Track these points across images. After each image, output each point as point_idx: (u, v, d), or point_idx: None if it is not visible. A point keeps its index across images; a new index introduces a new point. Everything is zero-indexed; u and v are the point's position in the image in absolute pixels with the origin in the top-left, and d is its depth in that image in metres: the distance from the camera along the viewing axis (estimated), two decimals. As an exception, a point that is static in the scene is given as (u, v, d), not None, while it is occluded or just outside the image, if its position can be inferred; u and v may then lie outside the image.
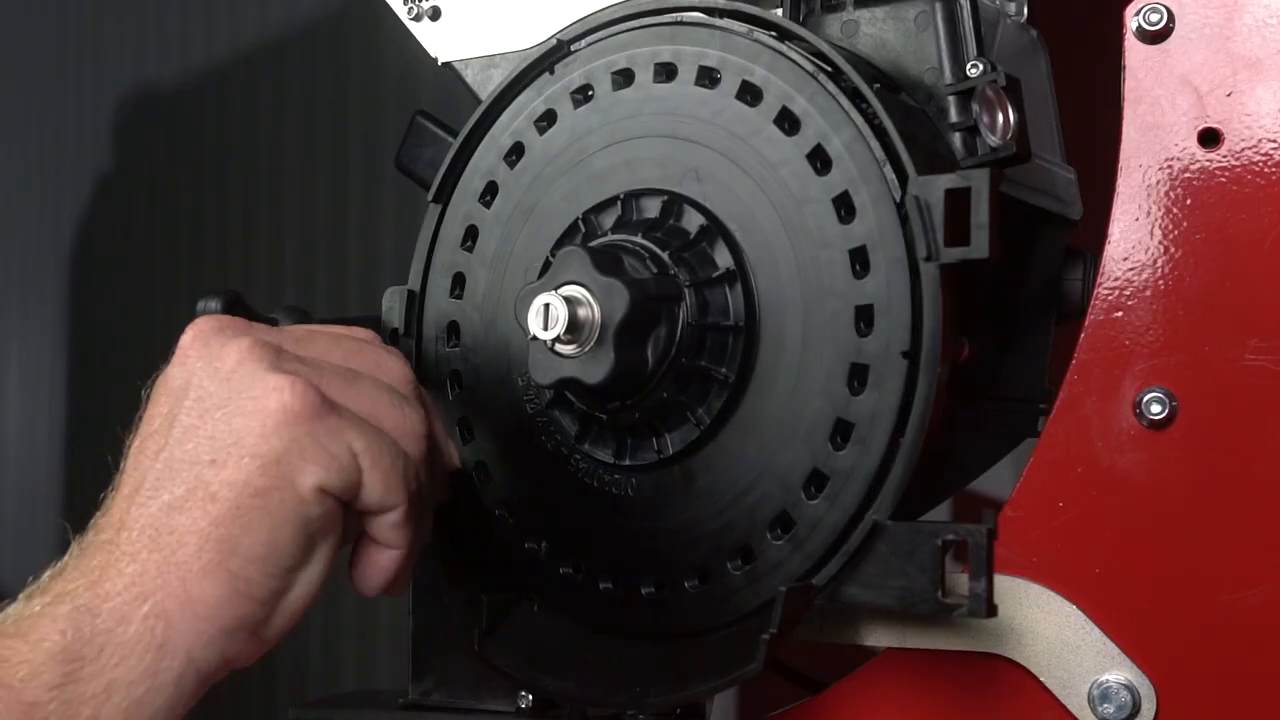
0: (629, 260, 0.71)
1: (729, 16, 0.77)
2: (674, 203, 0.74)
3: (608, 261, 0.70)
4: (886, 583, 0.68)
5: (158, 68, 3.09)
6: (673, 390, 0.71)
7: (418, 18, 0.92)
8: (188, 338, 0.68)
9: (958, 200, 0.67)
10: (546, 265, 0.78)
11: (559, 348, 0.70)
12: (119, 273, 3.18)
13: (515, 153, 0.81)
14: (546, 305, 0.69)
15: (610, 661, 0.76)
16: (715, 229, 0.73)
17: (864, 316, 0.69)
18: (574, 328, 0.69)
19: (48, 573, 0.64)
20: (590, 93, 0.79)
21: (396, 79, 2.45)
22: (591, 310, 0.70)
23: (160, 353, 0.69)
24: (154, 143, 3.10)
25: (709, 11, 0.78)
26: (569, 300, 0.69)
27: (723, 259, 0.72)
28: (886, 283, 0.68)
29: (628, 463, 0.75)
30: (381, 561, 0.69)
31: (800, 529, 0.70)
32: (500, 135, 0.82)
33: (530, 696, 0.79)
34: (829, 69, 0.73)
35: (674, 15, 0.78)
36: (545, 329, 0.70)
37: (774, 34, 0.75)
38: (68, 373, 3.40)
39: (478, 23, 0.90)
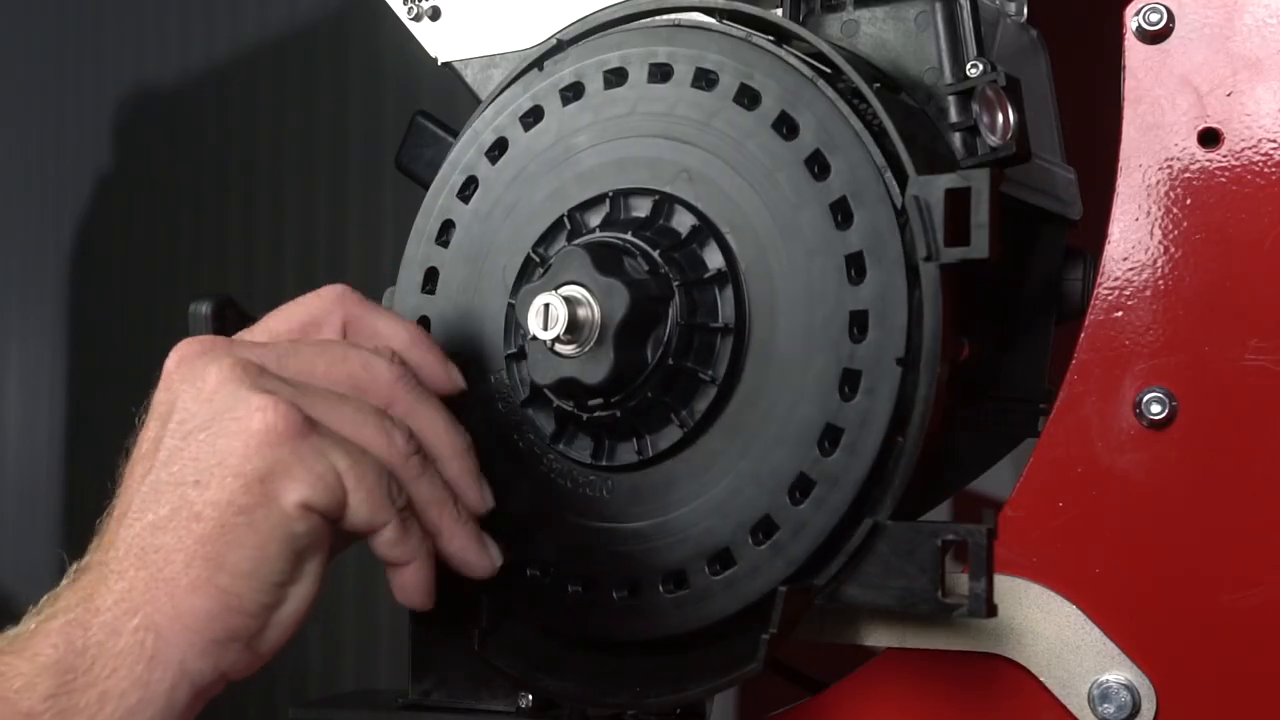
0: (626, 259, 0.71)
1: (728, 16, 0.77)
2: (665, 202, 0.74)
3: (608, 261, 0.70)
4: (886, 583, 0.68)
5: (158, 68, 3.09)
6: (657, 390, 0.71)
7: (418, 18, 0.92)
8: (172, 361, 0.68)
9: (958, 200, 0.67)
10: (528, 262, 0.77)
11: (559, 348, 0.70)
12: (119, 273, 3.18)
13: (498, 148, 0.80)
14: (546, 305, 0.69)
15: (610, 661, 0.76)
16: (707, 230, 0.72)
17: (858, 322, 0.68)
18: (574, 328, 0.69)
19: (45, 598, 0.66)
20: (581, 90, 0.78)
21: (396, 79, 2.45)
22: (591, 310, 0.70)
23: (161, 353, 0.69)
24: (154, 143, 3.10)
25: (709, 11, 0.78)
26: (569, 300, 0.69)
27: (713, 260, 0.72)
28: (882, 289, 0.68)
29: (605, 463, 0.74)
30: (405, 578, 0.69)
31: (783, 534, 0.69)
32: (483, 130, 0.81)
33: (530, 696, 0.79)
34: (829, 70, 0.73)
35: (673, 16, 0.78)
36: (545, 329, 0.70)
37: (772, 38, 0.75)
38: (68, 373, 3.41)
39: (478, 23, 0.90)
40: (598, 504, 0.75)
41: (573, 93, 0.79)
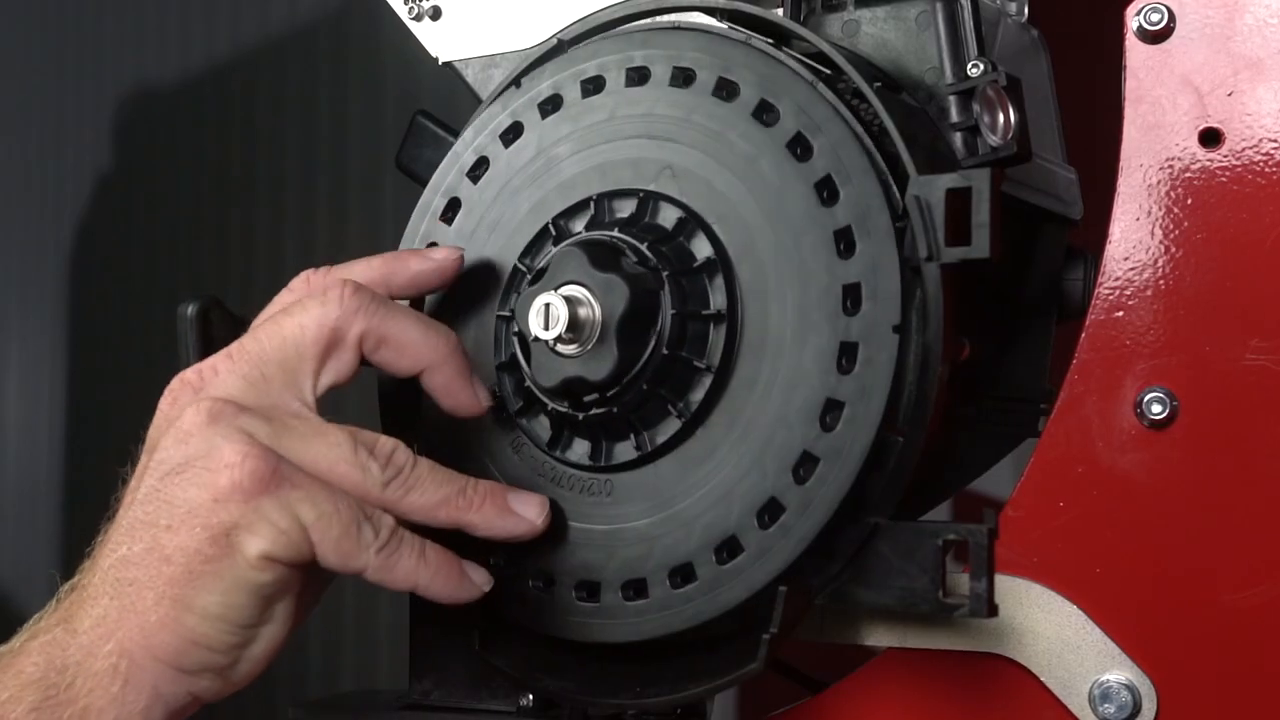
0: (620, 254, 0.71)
1: (728, 17, 0.77)
2: (649, 199, 0.74)
3: (605, 258, 0.70)
4: (887, 583, 0.68)
5: (158, 68, 3.09)
6: (653, 382, 0.70)
7: (418, 17, 0.92)
8: (165, 400, 0.70)
9: (958, 200, 0.67)
10: (514, 273, 0.77)
11: (560, 348, 0.70)
12: (119, 272, 3.18)
13: (479, 167, 0.80)
14: (547, 305, 0.69)
15: (610, 661, 0.76)
16: (693, 221, 0.72)
17: (851, 295, 0.68)
18: (575, 327, 0.69)
19: (34, 617, 0.68)
20: (559, 102, 0.78)
21: (396, 79, 2.45)
22: (592, 309, 0.70)
23: (161, 352, 0.69)
24: (154, 143, 3.10)
25: (709, 11, 0.78)
26: (569, 300, 0.69)
27: (702, 250, 0.72)
28: (873, 260, 0.68)
29: (604, 463, 0.74)
30: (424, 593, 0.69)
31: (789, 514, 0.69)
32: (463, 152, 0.81)
33: (530, 696, 0.79)
34: (822, 67, 0.73)
35: (650, 20, 0.77)
36: (546, 329, 0.70)
37: (746, 31, 0.74)
38: (68, 373, 3.41)
39: (478, 23, 0.90)
40: (601, 505, 0.74)
41: (551, 105, 0.79)
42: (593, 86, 0.78)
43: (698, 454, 0.72)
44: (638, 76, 0.76)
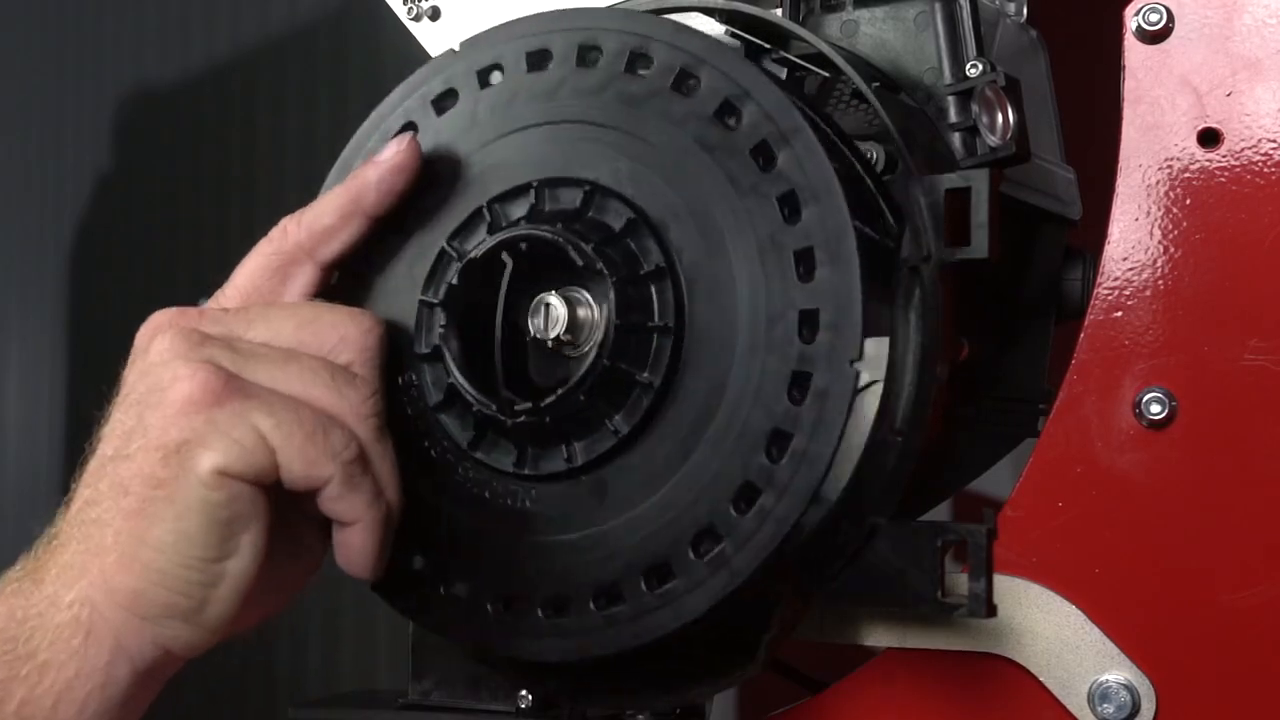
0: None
1: (727, 17, 0.77)
2: (595, 194, 0.69)
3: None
4: (886, 583, 0.68)
5: (158, 68, 3.09)
6: (590, 394, 0.66)
7: (417, 18, 0.92)
8: (142, 333, 0.68)
9: (958, 200, 0.67)
10: (441, 256, 0.72)
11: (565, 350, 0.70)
12: (119, 272, 3.18)
13: (405, 132, 0.75)
14: (547, 305, 0.69)
15: (609, 662, 0.76)
16: (642, 224, 0.68)
17: (808, 322, 0.64)
18: (573, 328, 0.69)
19: (10, 569, 0.66)
20: (501, 73, 0.73)
21: (396, 79, 2.45)
22: (590, 310, 0.70)
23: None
24: (154, 143, 3.10)
25: (709, 11, 0.78)
26: (569, 300, 0.69)
27: (650, 256, 0.67)
28: (835, 287, 0.63)
29: (528, 472, 0.69)
30: (349, 540, 0.66)
31: (726, 546, 0.64)
32: (388, 114, 0.76)
33: (530, 696, 0.79)
34: (814, 67, 0.73)
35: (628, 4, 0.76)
36: (545, 329, 0.69)
37: (706, 21, 0.74)
38: (68, 373, 3.41)
39: (477, 23, 0.89)
40: (521, 516, 0.70)
41: (491, 76, 0.73)
42: (538, 60, 0.72)
43: (632, 471, 0.67)
44: (589, 56, 0.70)
